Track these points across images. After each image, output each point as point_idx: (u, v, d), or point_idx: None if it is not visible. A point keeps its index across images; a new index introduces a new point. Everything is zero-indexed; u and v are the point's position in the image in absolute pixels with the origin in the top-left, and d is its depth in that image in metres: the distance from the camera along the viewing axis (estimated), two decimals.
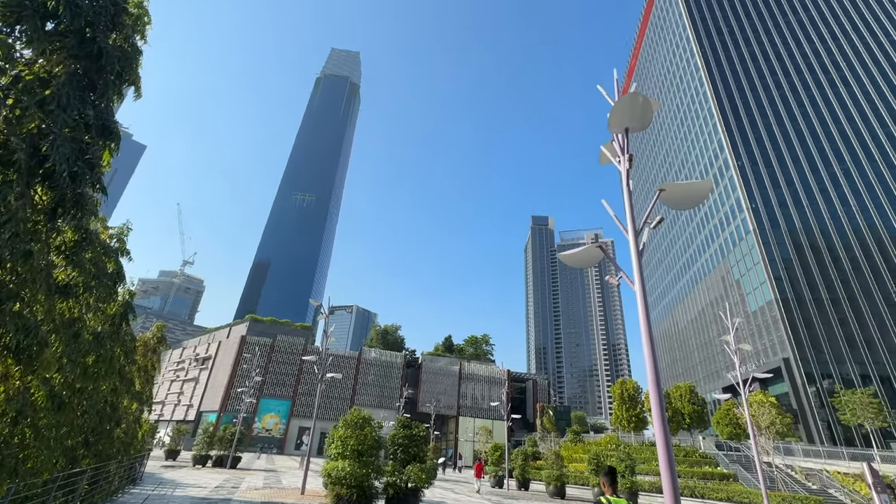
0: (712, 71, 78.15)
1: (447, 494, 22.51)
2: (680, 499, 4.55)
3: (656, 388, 5.05)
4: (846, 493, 27.24)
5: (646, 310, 5.60)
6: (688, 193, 5.81)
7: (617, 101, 6.09)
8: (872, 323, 54.26)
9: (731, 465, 35.69)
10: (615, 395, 52.89)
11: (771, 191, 64.94)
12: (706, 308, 78.15)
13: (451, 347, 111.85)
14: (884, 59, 73.11)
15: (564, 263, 6.91)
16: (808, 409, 51.18)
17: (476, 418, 72.02)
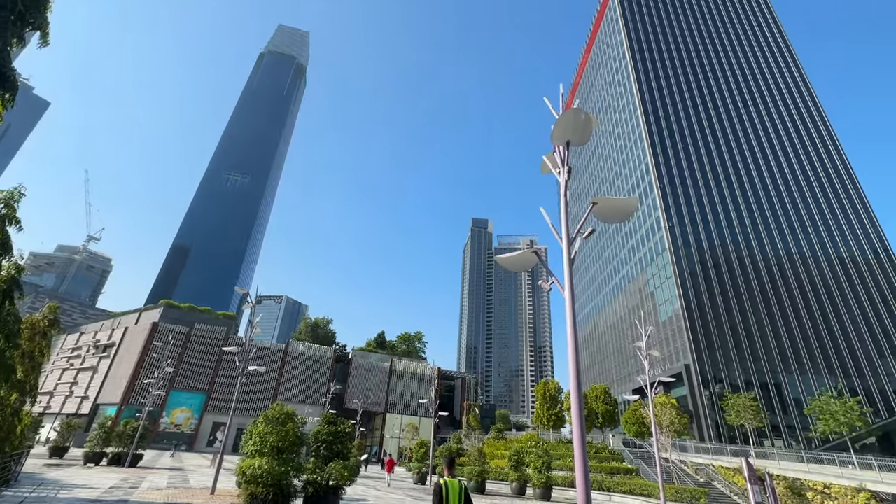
0: (645, 99, 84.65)
1: (369, 492, 22.27)
2: (591, 492, 4.89)
3: (577, 390, 5.36)
4: (727, 484, 30.88)
5: (573, 315, 5.94)
6: (617, 208, 6.24)
7: (561, 116, 6.38)
8: (756, 334, 62.04)
9: (635, 460, 38.97)
10: (538, 394, 55.49)
11: (685, 212, 71.80)
12: (624, 316, 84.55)
13: (384, 344, 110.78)
14: (781, 108, 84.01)
15: (501, 266, 7.13)
16: (702, 410, 57.32)
17: (404, 415, 71.98)
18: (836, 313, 64.33)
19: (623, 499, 27.67)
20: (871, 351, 61.58)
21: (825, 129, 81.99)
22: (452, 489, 5.83)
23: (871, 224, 72.22)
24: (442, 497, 5.74)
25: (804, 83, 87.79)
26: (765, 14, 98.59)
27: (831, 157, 78.90)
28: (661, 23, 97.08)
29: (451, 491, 5.80)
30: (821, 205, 74.04)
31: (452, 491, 5.81)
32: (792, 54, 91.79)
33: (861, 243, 70.48)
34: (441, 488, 5.81)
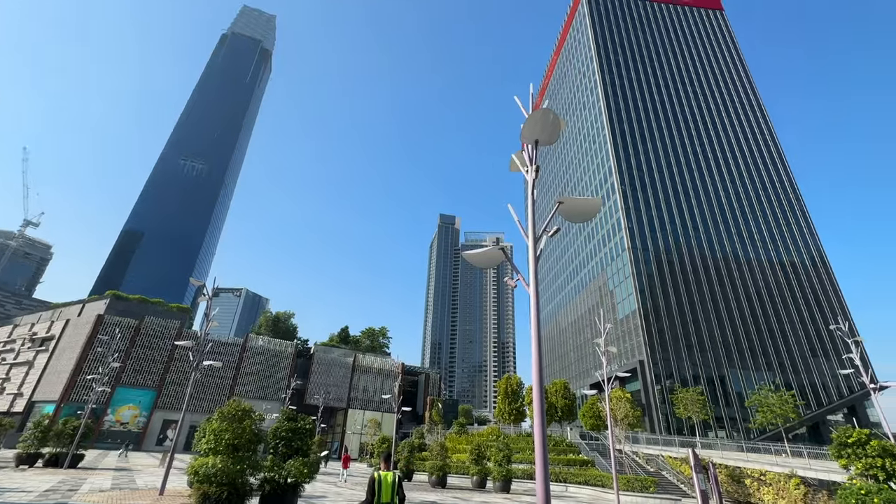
0: (610, 104, 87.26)
1: (329, 488, 21.96)
2: (549, 483, 5.03)
3: (539, 385, 5.48)
4: (674, 473, 32.62)
5: (537, 311, 6.05)
6: (581, 208, 6.41)
7: (530, 115, 6.47)
8: (704, 332, 65.73)
9: (591, 452, 40.46)
10: (500, 389, 56.47)
11: (644, 215, 74.82)
12: (585, 314, 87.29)
13: (347, 339, 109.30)
14: (734, 122, 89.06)
15: (468, 262, 7.16)
16: (654, 404, 60.19)
17: (366, 411, 71.40)
18: (776, 314, 69.12)
19: (578, 489, 28.66)
20: (805, 349, 66.65)
21: (774, 145, 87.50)
22: (385, 481, 6.23)
23: (808, 232, 77.93)
24: (374, 488, 6.16)
25: (757, 101, 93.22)
26: (722, 31, 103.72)
27: (778, 171, 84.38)
28: (627, 32, 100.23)
29: (383, 483, 6.21)
30: (766, 214, 79.10)
31: (385, 483, 6.21)
32: (747, 73, 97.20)
33: (800, 250, 75.95)
34: (374, 480, 6.23)
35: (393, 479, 6.33)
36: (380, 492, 6.17)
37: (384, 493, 6.18)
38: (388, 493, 6.20)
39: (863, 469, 12.20)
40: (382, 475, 6.31)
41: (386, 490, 6.20)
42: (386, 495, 6.18)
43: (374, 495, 6.17)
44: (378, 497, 6.15)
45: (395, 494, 6.27)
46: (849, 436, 12.89)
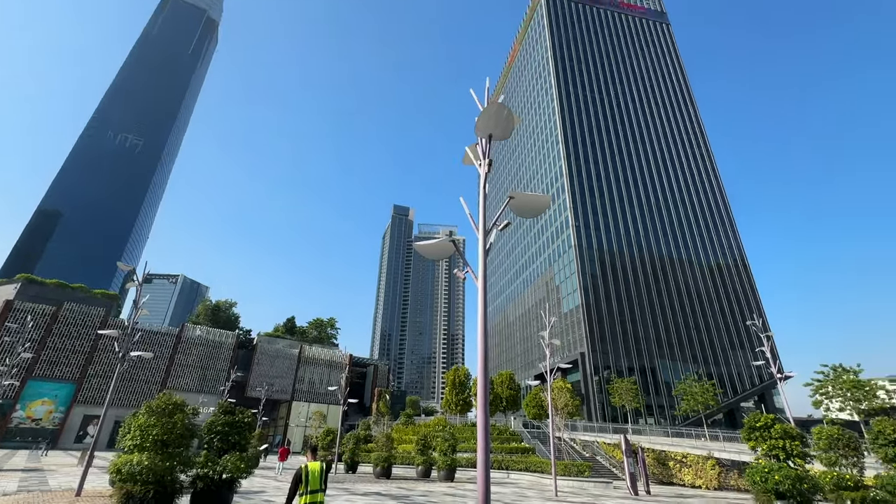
0: (563, 106, 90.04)
1: (268, 483, 21.26)
2: (490, 470, 5.16)
3: (483, 375, 5.58)
4: (607, 458, 34.75)
5: (485, 303, 6.14)
6: (532, 204, 6.56)
7: (485, 109, 6.50)
8: (640, 326, 70.23)
9: (532, 440, 42.12)
10: (448, 381, 57.19)
11: (590, 215, 78.33)
12: (532, 307, 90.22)
13: (294, 329, 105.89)
14: (675, 133, 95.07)
15: (420, 254, 7.13)
16: (592, 393, 63.62)
17: (312, 403, 69.73)
18: (702, 311, 75.19)
19: (519, 475, 29.77)
20: (726, 343, 73.15)
21: (708, 157, 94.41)
22: (312, 471, 6.64)
23: (733, 237, 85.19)
24: (300, 478, 6.57)
25: (695, 113, 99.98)
26: (667, 43, 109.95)
27: (711, 182, 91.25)
28: (582, 37, 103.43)
29: (310, 473, 6.62)
30: (699, 220, 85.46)
31: (312, 472, 6.63)
32: (688, 86, 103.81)
33: (725, 254, 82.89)
34: (300, 471, 6.64)
35: (320, 469, 6.72)
36: (307, 481, 6.55)
37: (311, 482, 6.55)
38: (316, 481, 6.59)
39: (767, 450, 13.61)
40: (310, 466, 6.71)
41: (314, 479, 6.59)
42: (314, 483, 6.56)
43: (299, 484, 6.57)
44: (306, 486, 6.53)
45: (323, 482, 6.66)
46: (757, 420, 14.31)
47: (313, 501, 6.50)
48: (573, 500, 18.69)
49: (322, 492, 6.64)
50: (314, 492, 6.54)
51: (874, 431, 14.58)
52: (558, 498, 18.92)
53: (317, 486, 6.58)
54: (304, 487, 6.54)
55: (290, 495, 6.58)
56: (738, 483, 26.29)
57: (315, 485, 6.58)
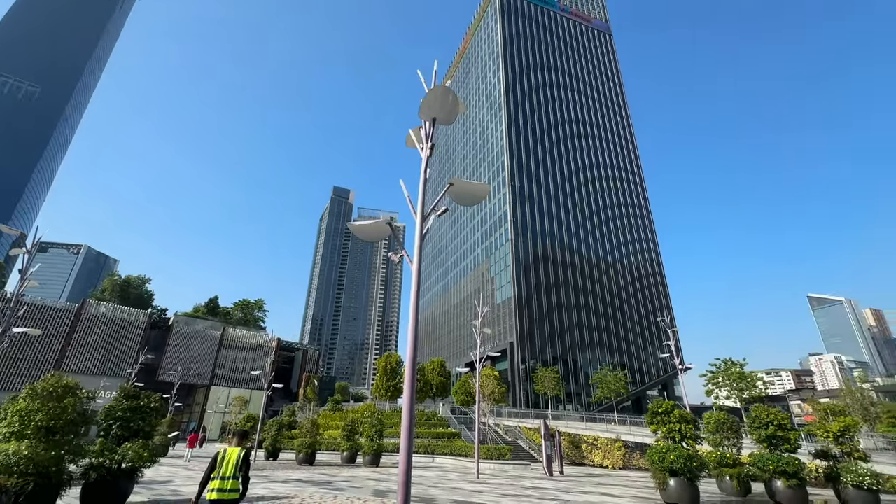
0: (510, 103, 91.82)
1: (178, 472, 19.86)
2: (412, 454, 5.18)
3: (412, 358, 5.55)
4: (527, 442, 36.71)
5: (418, 288, 6.09)
6: (471, 191, 6.57)
7: (430, 91, 6.39)
8: (565, 319, 74.59)
9: (459, 425, 43.31)
10: (379, 367, 56.91)
11: (527, 211, 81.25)
12: (467, 297, 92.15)
13: (216, 310, 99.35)
14: (610, 142, 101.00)
15: (357, 237, 6.91)
16: (518, 381, 66.68)
17: (233, 388, 66.08)
18: (621, 308, 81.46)
19: (444, 459, 30.53)
20: (639, 337, 79.99)
21: (637, 167, 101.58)
22: (228, 456, 6.41)
23: (652, 242, 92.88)
24: (215, 462, 6.35)
25: (628, 123, 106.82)
26: (609, 53, 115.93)
27: (637, 190, 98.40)
28: (532, 37, 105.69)
29: (226, 457, 6.39)
30: (624, 224, 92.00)
31: (228, 457, 6.40)
32: (624, 99, 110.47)
33: (644, 256, 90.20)
34: (216, 455, 6.43)
35: (238, 455, 6.43)
36: (220, 465, 6.31)
37: (223, 468, 6.29)
38: (228, 467, 6.31)
39: (666, 432, 15.11)
40: (228, 450, 6.47)
41: (227, 464, 6.32)
42: (226, 469, 6.28)
43: (213, 469, 6.32)
44: (217, 471, 6.27)
45: (238, 470, 6.33)
46: (659, 407, 15.81)
47: (220, 488, 6.14)
48: (493, 481, 19.50)
49: (233, 479, 6.25)
50: (224, 478, 6.22)
51: (752, 416, 16.77)
52: (479, 480, 19.64)
53: (228, 472, 6.25)
54: (215, 472, 6.27)
55: (203, 479, 6.32)
56: (640, 463, 29.02)
57: (226, 471, 6.26)
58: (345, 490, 14.20)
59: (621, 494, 16.09)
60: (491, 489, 16.44)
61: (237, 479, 6.28)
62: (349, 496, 12.83)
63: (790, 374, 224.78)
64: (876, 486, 14.04)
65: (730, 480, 15.68)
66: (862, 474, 14.16)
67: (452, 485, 17.46)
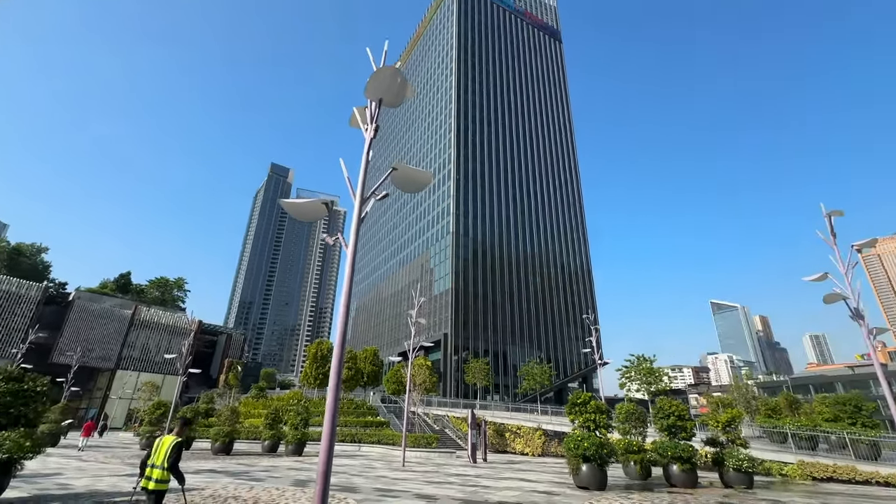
0: (460, 97, 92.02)
1: (69, 463, 17.90)
2: (335, 442, 5.03)
3: (340, 343, 5.37)
4: (454, 430, 37.60)
5: (352, 272, 5.90)
6: (413, 178, 6.45)
7: (378, 71, 6.15)
8: (498, 313, 77.07)
9: (388, 414, 43.30)
10: (310, 353, 55.20)
11: (470, 205, 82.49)
12: (405, 287, 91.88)
13: (128, 287, 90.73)
14: (551, 145, 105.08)
15: (296, 220, 6.53)
16: (450, 371, 67.93)
17: (143, 372, 60.71)
18: (551, 304, 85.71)
19: (371, 448, 30.40)
20: (565, 332, 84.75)
21: (575, 172, 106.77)
22: (162, 444, 6.49)
23: (584, 243, 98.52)
24: (151, 450, 6.50)
25: (570, 129, 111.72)
26: (558, 59, 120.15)
27: (574, 194, 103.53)
28: (486, 33, 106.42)
29: (160, 445, 6.48)
30: (560, 226, 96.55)
31: (161, 445, 6.47)
32: (568, 105, 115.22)
33: (575, 257, 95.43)
34: (154, 442, 6.62)
35: (170, 444, 6.47)
36: (153, 453, 6.43)
37: (155, 456, 6.37)
38: (159, 456, 6.36)
39: (583, 422, 16.18)
40: (163, 438, 6.57)
41: (159, 452, 6.40)
42: (157, 458, 6.35)
43: (148, 457, 6.44)
44: (150, 458, 6.41)
45: (166, 459, 6.33)
46: (578, 398, 16.88)
47: (148, 476, 6.29)
48: (418, 469, 19.73)
49: (161, 469, 6.30)
50: (153, 466, 6.32)
51: (657, 408, 18.44)
52: (405, 468, 19.78)
53: (158, 461, 6.34)
54: (149, 459, 6.43)
55: (140, 465, 6.47)
56: (558, 450, 30.88)
57: (156, 459, 6.36)
58: (263, 480, 13.62)
59: (538, 480, 17.00)
60: (415, 477, 16.62)
61: (166, 469, 6.31)
62: (267, 486, 12.32)
63: (691, 370, 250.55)
64: (751, 469, 16.11)
65: (634, 465, 17.15)
66: (741, 459, 16.16)
67: (377, 473, 17.43)
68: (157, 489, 6.24)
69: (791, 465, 19.28)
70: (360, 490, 12.45)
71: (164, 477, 6.28)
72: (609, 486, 14.69)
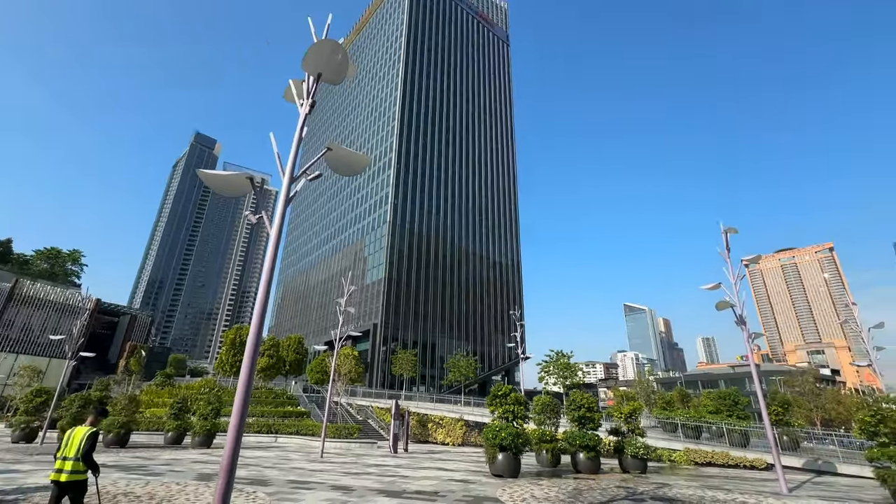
0: (406, 87, 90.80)
1: None
2: (243, 431, 4.72)
3: (257, 329, 5.04)
4: (378, 421, 37.41)
5: (275, 254, 5.57)
6: (349, 161, 6.21)
7: (318, 43, 5.83)
8: (429, 305, 77.81)
9: (310, 404, 42.01)
10: (227, 339, 51.79)
11: (409, 196, 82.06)
12: (336, 274, 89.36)
13: (8, 256, 78.92)
14: (492, 143, 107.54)
15: (220, 196, 5.99)
16: (378, 362, 67.38)
17: (22, 354, 53.19)
18: (481, 298, 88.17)
19: (289, 439, 29.30)
20: (493, 326, 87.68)
21: (513, 172, 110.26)
22: (74, 435, 6.20)
23: (515, 242, 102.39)
24: (61, 443, 6.22)
25: (511, 132, 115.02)
26: (504, 59, 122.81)
27: (510, 193, 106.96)
28: (435, 24, 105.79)
29: (71, 436, 6.20)
30: (495, 223, 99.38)
31: (74, 436, 6.19)
32: (511, 107, 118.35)
33: (506, 254, 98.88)
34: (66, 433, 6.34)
35: (83, 435, 6.20)
36: (65, 445, 6.17)
37: (67, 448, 6.11)
38: (71, 448, 6.10)
39: (502, 413, 16.86)
40: (75, 429, 6.30)
41: (71, 444, 6.14)
42: (70, 450, 6.09)
43: (59, 448, 6.22)
44: (60, 450, 6.16)
45: (78, 450, 6.07)
46: (500, 390, 17.55)
47: (59, 469, 5.99)
48: (337, 460, 19.36)
49: (74, 461, 6.00)
50: (65, 458, 6.03)
51: (570, 400, 19.75)
52: (323, 459, 19.31)
53: (70, 452, 6.06)
54: (60, 451, 6.15)
55: (55, 457, 6.20)
56: (477, 440, 31.93)
57: (69, 451, 6.08)
58: (162, 475, 12.52)
59: (456, 469, 17.46)
60: (333, 468, 16.28)
61: (78, 460, 6.00)
62: (165, 481, 11.35)
63: (602, 366, 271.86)
64: (646, 456, 17.87)
65: (546, 454, 18.23)
66: (638, 447, 17.85)
67: (293, 465, 16.82)
68: (72, 480, 5.97)
69: (679, 452, 21.66)
70: (272, 483, 11.92)
71: (78, 468, 6.00)
72: (522, 474, 15.46)
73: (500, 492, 11.61)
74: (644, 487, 13.34)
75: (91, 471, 6.17)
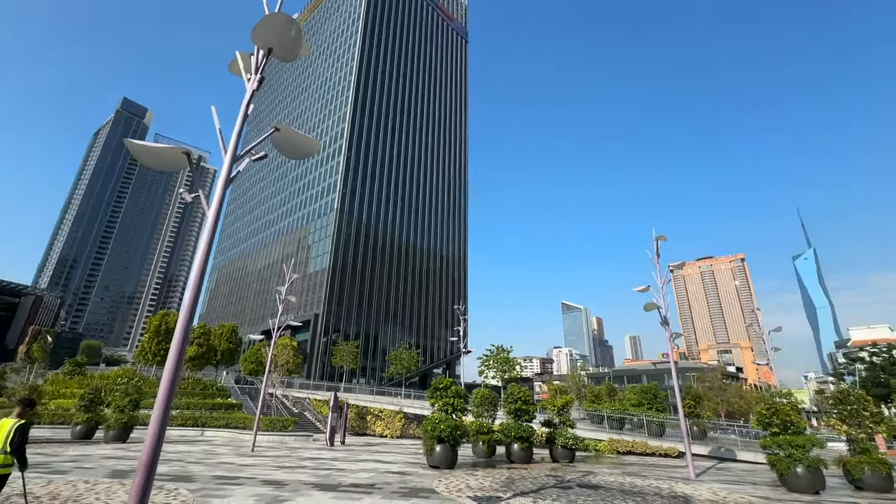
0: (361, 72, 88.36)
1: None
2: (167, 423, 4.40)
3: (188, 315, 4.70)
4: (314, 413, 36.50)
5: (211, 236, 5.22)
6: (298, 143, 5.93)
7: (270, 16, 5.50)
8: (373, 297, 76.93)
9: (242, 396, 40.06)
10: (151, 326, 47.95)
11: (358, 185, 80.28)
12: (276, 261, 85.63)
13: None
14: (445, 138, 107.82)
15: (135, 157, 5.44)
16: (317, 353, 65.58)
17: None
18: (426, 291, 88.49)
19: (217, 432, 27.76)
20: (437, 320, 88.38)
21: (464, 169, 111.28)
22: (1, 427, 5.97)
23: (463, 238, 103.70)
24: None
25: (464, 128, 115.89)
26: (461, 62, 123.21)
27: (460, 189, 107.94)
28: (396, 19, 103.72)
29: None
30: (444, 216, 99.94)
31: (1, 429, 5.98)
32: (465, 104, 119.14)
33: (454, 247, 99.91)
34: None
35: (11, 426, 5.98)
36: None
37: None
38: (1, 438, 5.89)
39: (442, 405, 17.08)
40: (1, 421, 6.11)
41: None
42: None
43: None
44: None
45: (9, 443, 5.85)
46: (440, 383, 17.77)
47: None
48: (270, 454, 18.67)
49: (3, 454, 5.81)
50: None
51: (507, 393, 20.45)
52: (254, 453, 18.53)
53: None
54: None
55: None
56: (416, 432, 32.16)
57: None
58: (67, 473, 11.38)
59: (393, 461, 17.48)
60: (265, 462, 15.68)
61: (6, 453, 5.81)
62: (72, 479, 10.33)
63: (539, 360, 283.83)
64: (574, 446, 18.96)
65: (482, 445, 18.76)
66: (568, 437, 18.89)
67: (220, 459, 15.98)
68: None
69: (604, 442, 23.17)
70: (196, 479, 11.24)
71: (7, 461, 5.84)
72: (458, 465, 15.80)
73: (437, 483, 11.79)
74: (572, 475, 14.14)
75: (19, 465, 6.02)
